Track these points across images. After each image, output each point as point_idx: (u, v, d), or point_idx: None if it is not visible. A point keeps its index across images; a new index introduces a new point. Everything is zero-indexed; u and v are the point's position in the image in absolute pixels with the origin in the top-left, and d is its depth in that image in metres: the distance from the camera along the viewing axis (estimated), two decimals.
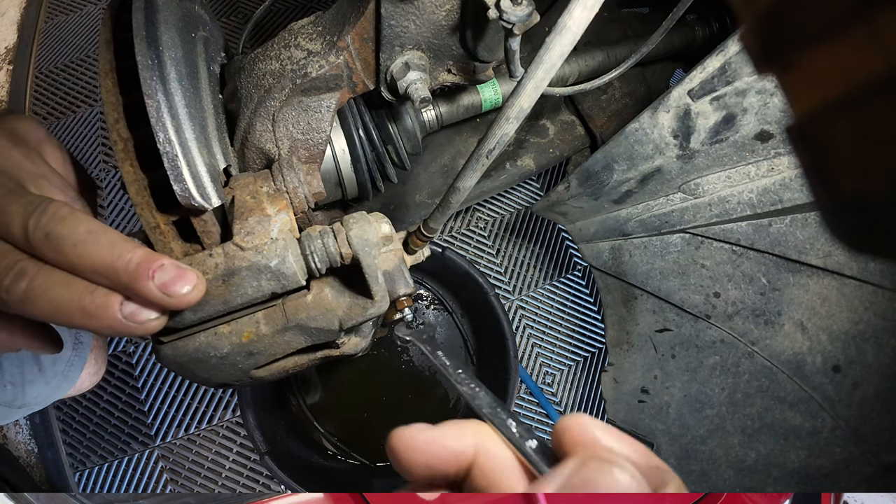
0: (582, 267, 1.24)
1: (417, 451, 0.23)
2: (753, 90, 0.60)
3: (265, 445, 0.83)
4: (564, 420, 0.23)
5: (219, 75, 0.51)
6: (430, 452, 0.23)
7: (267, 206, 0.40)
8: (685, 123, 0.64)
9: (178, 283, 0.31)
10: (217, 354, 0.40)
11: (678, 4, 0.55)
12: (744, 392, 0.77)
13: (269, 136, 0.48)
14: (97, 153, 1.23)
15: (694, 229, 0.74)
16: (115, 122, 0.37)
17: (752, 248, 0.71)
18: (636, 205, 0.76)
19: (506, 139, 0.39)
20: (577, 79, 0.76)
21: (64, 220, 0.29)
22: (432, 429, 0.23)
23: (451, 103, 0.67)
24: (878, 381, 0.69)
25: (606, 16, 0.87)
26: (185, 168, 0.35)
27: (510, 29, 0.38)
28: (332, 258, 0.41)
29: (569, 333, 1.20)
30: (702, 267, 0.76)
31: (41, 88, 1.28)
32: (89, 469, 1.03)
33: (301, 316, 0.41)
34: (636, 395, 0.86)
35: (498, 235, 1.24)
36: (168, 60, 0.38)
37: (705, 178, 0.69)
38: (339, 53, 0.47)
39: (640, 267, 0.80)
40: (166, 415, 1.06)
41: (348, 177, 0.56)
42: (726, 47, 0.58)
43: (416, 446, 0.23)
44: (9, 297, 0.29)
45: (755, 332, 0.74)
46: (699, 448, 0.81)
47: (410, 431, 0.23)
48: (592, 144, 0.95)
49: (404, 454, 0.23)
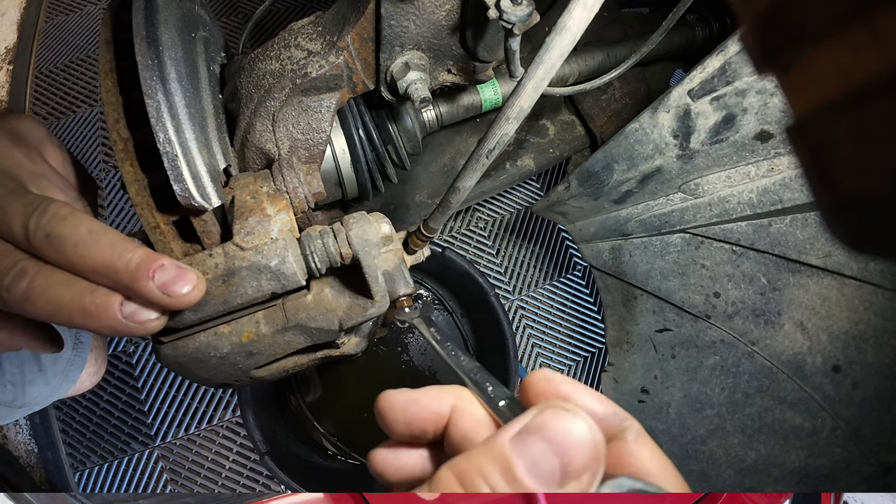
0: (582, 267, 1.24)
1: (398, 410, 0.25)
2: (753, 90, 0.60)
3: (265, 445, 0.83)
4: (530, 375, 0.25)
5: (219, 75, 0.51)
6: (410, 411, 0.25)
7: (267, 206, 0.40)
8: (685, 123, 0.64)
9: (178, 283, 0.31)
10: (217, 354, 0.40)
11: (678, 4, 0.55)
12: (744, 392, 0.77)
13: (269, 136, 0.48)
14: (97, 153, 1.23)
15: (694, 229, 0.74)
16: (115, 122, 0.37)
17: (752, 248, 0.71)
18: (636, 205, 0.76)
19: (506, 139, 0.39)
20: (577, 79, 0.76)
21: (64, 219, 0.29)
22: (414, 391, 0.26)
23: (451, 103, 0.67)
24: (878, 381, 0.69)
25: (606, 16, 0.87)
26: (185, 168, 0.35)
27: (510, 29, 0.38)
28: (332, 258, 0.41)
29: (569, 333, 1.20)
30: (702, 267, 0.76)
31: (41, 88, 1.28)
32: (89, 469, 1.03)
33: (301, 316, 0.41)
34: (636, 395, 0.86)
35: (498, 235, 1.24)
36: (168, 60, 0.38)
37: (705, 178, 0.69)
38: (339, 53, 0.47)
39: (640, 267, 0.80)
40: (166, 415, 1.06)
41: (348, 177, 0.56)
42: (726, 47, 0.58)
43: (397, 405, 0.26)
44: (9, 297, 0.29)
45: (755, 332, 0.74)
46: (699, 448, 0.81)
47: (394, 392, 0.26)
48: (592, 144, 0.95)
49: (387, 412, 0.26)
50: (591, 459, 0.21)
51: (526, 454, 0.21)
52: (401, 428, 0.26)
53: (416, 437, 0.26)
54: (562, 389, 0.24)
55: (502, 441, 0.21)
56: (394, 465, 0.27)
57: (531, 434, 0.21)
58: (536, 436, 0.21)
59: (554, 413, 0.21)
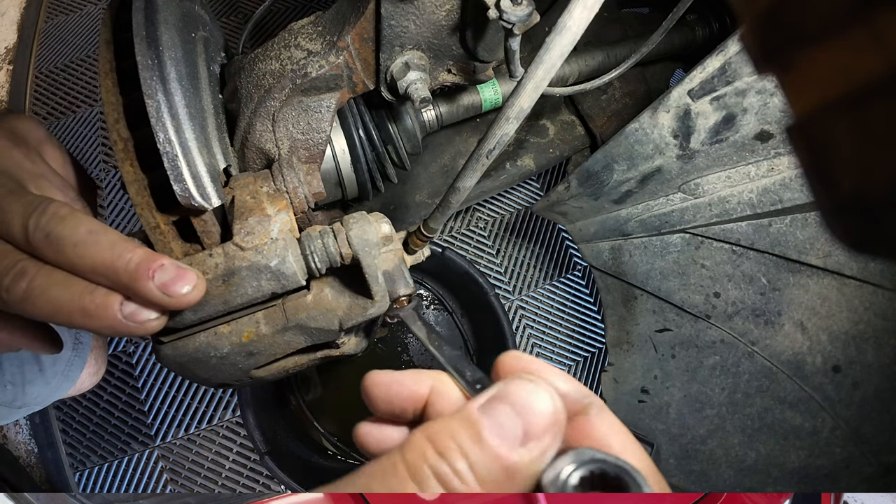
0: (582, 267, 1.24)
1: (382, 388, 0.28)
2: (753, 90, 0.60)
3: (265, 445, 0.83)
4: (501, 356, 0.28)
5: (219, 75, 0.51)
6: (392, 390, 0.28)
7: (267, 206, 0.40)
8: (685, 123, 0.64)
9: (178, 283, 0.31)
10: (217, 354, 0.40)
11: (678, 4, 0.55)
12: (744, 392, 0.77)
13: (269, 136, 0.48)
14: (97, 153, 1.23)
15: (694, 229, 0.74)
16: (115, 122, 0.37)
17: (752, 248, 0.71)
18: (636, 205, 0.76)
19: (506, 139, 0.39)
20: (577, 79, 0.76)
21: (64, 220, 0.29)
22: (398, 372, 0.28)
23: (451, 103, 0.67)
24: (878, 381, 0.69)
25: (606, 16, 0.87)
26: (185, 168, 0.35)
27: (510, 29, 0.38)
28: (332, 258, 0.41)
29: (569, 333, 1.20)
30: (702, 267, 0.76)
31: (41, 88, 1.28)
32: (89, 469, 1.03)
33: (301, 316, 0.41)
34: (636, 395, 0.86)
35: (498, 235, 1.24)
36: (168, 60, 0.38)
37: (705, 178, 0.69)
38: (339, 53, 0.47)
39: (640, 267, 0.80)
40: (166, 415, 1.06)
41: (348, 177, 0.56)
42: (726, 47, 0.58)
43: (381, 384, 0.28)
44: (9, 297, 0.29)
45: (755, 332, 0.74)
46: (699, 448, 0.81)
47: (379, 372, 0.29)
48: (592, 144, 0.95)
49: (371, 390, 0.28)
50: (551, 423, 0.23)
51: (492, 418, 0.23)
52: (383, 406, 0.28)
53: (398, 416, 0.28)
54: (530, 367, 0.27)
55: (471, 407, 0.23)
56: (376, 438, 0.29)
57: (498, 401, 0.23)
58: (502, 402, 0.23)
59: (519, 383, 0.24)
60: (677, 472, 0.81)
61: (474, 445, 0.22)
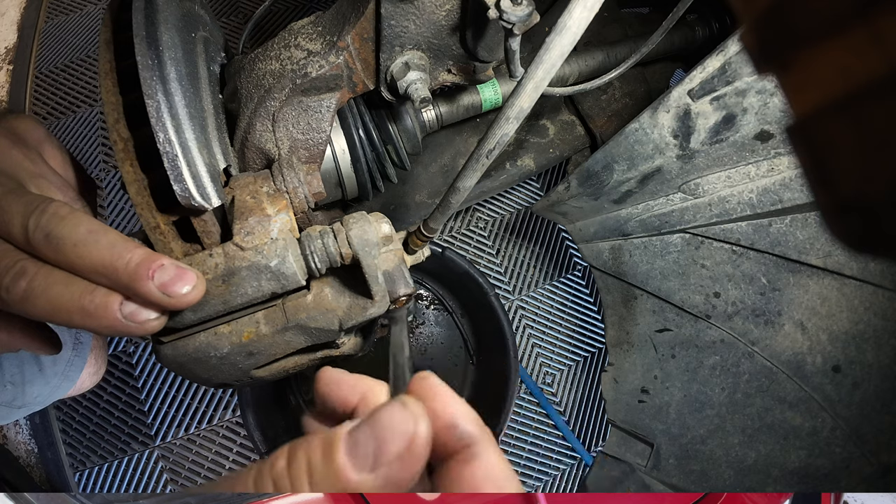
0: (582, 267, 1.24)
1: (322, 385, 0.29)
2: (753, 90, 0.60)
3: (265, 445, 0.83)
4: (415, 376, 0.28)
5: (219, 75, 0.51)
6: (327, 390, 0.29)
7: (267, 206, 0.40)
8: (685, 123, 0.64)
9: (178, 283, 0.31)
10: (217, 354, 0.40)
11: (678, 4, 0.55)
12: (744, 392, 0.77)
13: (269, 136, 0.48)
14: (97, 153, 1.23)
15: (694, 229, 0.74)
16: (115, 122, 0.37)
17: (752, 248, 0.71)
18: (636, 205, 0.76)
19: (506, 139, 0.39)
20: (577, 79, 0.76)
21: (64, 219, 0.29)
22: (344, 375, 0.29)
23: (451, 103, 0.67)
24: (878, 381, 0.69)
25: (606, 16, 0.87)
26: (185, 168, 0.35)
27: (510, 29, 0.38)
28: (332, 258, 0.41)
29: (569, 333, 1.20)
30: (702, 267, 0.76)
31: (41, 88, 1.28)
32: (89, 469, 1.03)
33: (301, 316, 0.41)
34: (636, 395, 0.86)
35: (498, 235, 1.24)
36: (168, 60, 0.38)
37: (705, 178, 0.69)
38: (339, 53, 0.47)
39: (640, 267, 0.80)
40: (166, 415, 1.06)
41: (348, 177, 0.56)
42: (726, 47, 0.58)
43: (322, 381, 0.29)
44: (9, 297, 0.29)
45: (755, 332, 0.74)
46: (699, 448, 0.81)
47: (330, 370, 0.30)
48: (592, 144, 0.95)
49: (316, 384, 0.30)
50: (405, 450, 0.22)
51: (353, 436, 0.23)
52: (319, 401, 0.29)
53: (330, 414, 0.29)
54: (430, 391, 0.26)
55: (343, 427, 0.24)
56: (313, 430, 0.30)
57: (365, 422, 0.23)
58: (367, 423, 0.23)
59: (389, 406, 0.24)
60: (677, 472, 0.81)
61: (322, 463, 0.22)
